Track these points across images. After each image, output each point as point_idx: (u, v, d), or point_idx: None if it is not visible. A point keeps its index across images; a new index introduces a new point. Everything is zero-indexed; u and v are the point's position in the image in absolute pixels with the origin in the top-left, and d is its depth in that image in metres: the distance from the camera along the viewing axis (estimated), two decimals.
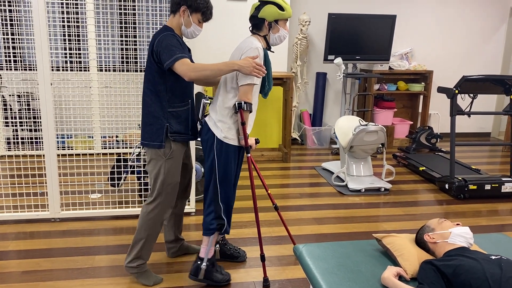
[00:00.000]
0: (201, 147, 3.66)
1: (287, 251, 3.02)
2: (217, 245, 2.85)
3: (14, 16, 5.03)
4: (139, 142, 3.80)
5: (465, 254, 1.80)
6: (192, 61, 2.58)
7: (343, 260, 2.05)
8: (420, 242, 2.06)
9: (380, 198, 4.11)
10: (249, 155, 2.52)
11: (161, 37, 2.29)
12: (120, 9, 5.33)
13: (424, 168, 4.71)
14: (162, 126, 2.39)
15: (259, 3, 2.45)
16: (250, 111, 2.39)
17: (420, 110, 6.46)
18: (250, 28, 2.53)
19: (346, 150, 4.24)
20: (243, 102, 2.35)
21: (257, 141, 2.58)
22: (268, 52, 2.75)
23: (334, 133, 4.46)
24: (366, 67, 6.14)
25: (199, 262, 2.57)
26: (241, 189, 4.22)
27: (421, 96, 6.38)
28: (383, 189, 4.26)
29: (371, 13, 6.07)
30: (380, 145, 4.27)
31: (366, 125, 4.14)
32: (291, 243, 3.13)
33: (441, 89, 4.32)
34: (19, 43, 5.20)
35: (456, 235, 1.93)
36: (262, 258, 2.60)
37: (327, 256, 2.09)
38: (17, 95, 5.06)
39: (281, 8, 2.41)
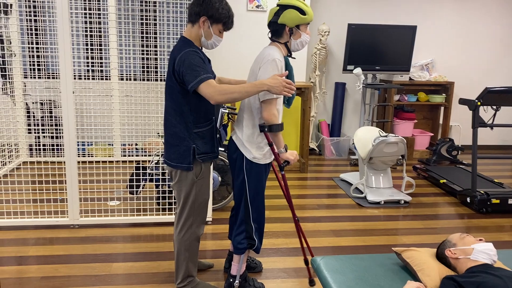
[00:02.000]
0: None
1: (304, 263, 2.98)
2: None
3: (39, 26, 5.15)
4: (158, 152, 3.82)
5: (489, 271, 1.75)
6: (213, 74, 2.56)
7: (361, 274, 2.02)
8: (441, 257, 2.01)
9: (400, 210, 4.04)
10: (283, 172, 2.41)
11: (182, 55, 2.14)
12: (142, 19, 5.41)
13: (445, 180, 4.63)
14: (189, 148, 2.28)
15: (278, 7, 2.30)
16: (281, 130, 2.27)
17: (441, 122, 6.37)
18: (269, 35, 2.39)
19: (365, 161, 4.19)
20: (266, 126, 2.24)
21: (285, 148, 2.40)
22: (289, 58, 2.64)
23: (353, 143, 4.42)
24: (386, 78, 6.09)
25: (231, 280, 2.55)
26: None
27: (442, 108, 6.29)
28: (402, 202, 4.20)
29: (391, 23, 6.03)
30: (400, 157, 4.21)
31: (386, 136, 4.09)
32: (307, 254, 3.09)
33: (463, 101, 4.24)
34: (43, 52, 5.32)
35: (479, 251, 1.87)
36: (306, 262, 2.67)
37: (345, 270, 2.05)
38: (40, 102, 5.17)
39: (302, 12, 2.26)
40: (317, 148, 6.06)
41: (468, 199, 4.12)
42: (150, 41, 5.49)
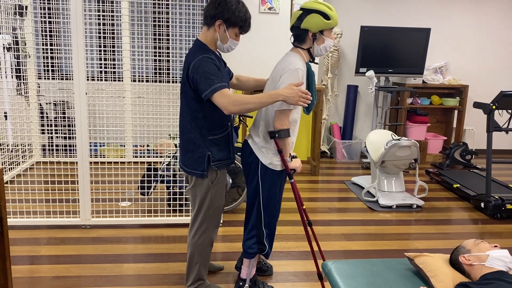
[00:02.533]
0: None
1: (315, 267, 2.96)
2: None
3: (54, 28, 5.21)
4: (169, 153, 3.83)
5: (504, 279, 1.71)
6: (231, 73, 2.53)
7: (373, 279, 1.99)
8: (455, 263, 1.98)
9: (412, 215, 4.00)
10: (292, 180, 2.36)
11: (196, 62, 2.09)
12: (154, 21, 5.44)
13: (458, 185, 4.56)
14: (204, 155, 2.25)
15: (301, 11, 2.22)
16: (288, 137, 2.24)
17: (454, 126, 6.29)
18: (292, 40, 2.32)
19: (377, 165, 4.16)
20: (276, 132, 2.20)
21: (291, 158, 2.40)
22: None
23: (365, 147, 4.38)
24: (399, 81, 6.03)
25: (241, 284, 2.55)
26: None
27: (456, 111, 6.21)
28: (415, 206, 4.15)
29: (404, 26, 5.98)
30: (413, 161, 4.17)
31: (398, 139, 4.05)
32: (318, 258, 3.07)
33: (477, 105, 4.19)
34: (57, 53, 5.37)
35: (494, 258, 1.84)
36: (319, 276, 2.45)
37: (357, 274, 2.03)
38: (53, 103, 5.22)
39: (326, 17, 2.18)
40: (329, 151, 6.03)
41: (482, 204, 4.05)
42: (163, 43, 5.51)
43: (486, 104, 4.05)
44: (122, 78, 5.36)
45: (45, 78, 5.35)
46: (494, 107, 4.00)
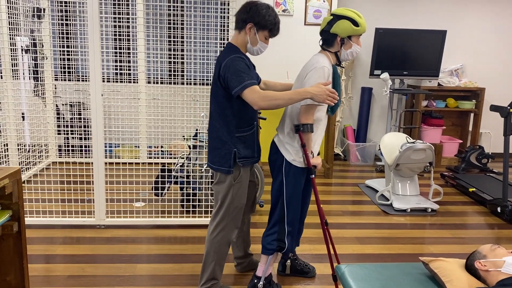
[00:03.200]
0: None
1: (329, 270, 2.95)
2: (289, 261, 2.83)
3: (70, 30, 5.28)
4: (183, 154, 3.86)
5: None
6: (259, 78, 2.57)
7: (387, 283, 1.98)
8: (471, 269, 1.95)
9: (427, 219, 3.95)
10: (312, 176, 2.43)
11: (228, 61, 2.20)
12: (169, 23, 5.48)
13: (474, 189, 4.50)
14: (230, 151, 2.33)
15: (331, 17, 2.33)
16: (311, 132, 2.31)
17: (470, 129, 6.21)
18: (320, 43, 2.43)
19: (391, 168, 4.12)
20: (300, 125, 2.28)
21: (312, 154, 2.47)
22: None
23: (379, 149, 4.35)
24: (414, 83, 5.98)
25: (255, 281, 2.56)
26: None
27: (472, 114, 6.13)
28: (430, 210, 4.10)
29: (420, 28, 5.93)
30: (428, 164, 4.12)
31: (413, 142, 4.01)
32: (334, 261, 3.06)
33: (494, 108, 4.13)
34: (73, 55, 5.45)
35: (511, 264, 1.81)
36: (334, 278, 2.50)
37: (370, 278, 2.01)
38: (69, 104, 5.29)
39: (355, 23, 2.29)
40: (342, 153, 6.00)
41: (499, 209, 3.99)
42: (177, 45, 5.55)
43: (503, 107, 3.99)
44: (137, 79, 5.41)
45: (61, 80, 5.42)
46: (511, 110, 3.94)
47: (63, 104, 5.32)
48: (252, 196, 2.70)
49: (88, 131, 5.27)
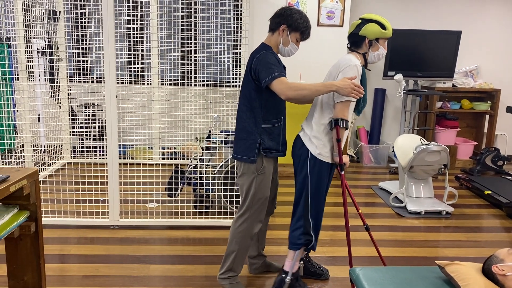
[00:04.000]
0: None
1: (341, 273, 2.93)
2: (301, 262, 2.84)
3: (85, 32, 5.34)
4: (196, 156, 3.87)
5: None
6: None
7: (402, 287, 1.96)
8: (488, 273, 1.92)
9: (441, 222, 3.91)
10: (342, 172, 2.48)
11: (260, 55, 2.34)
12: (182, 25, 5.51)
13: (489, 192, 4.44)
14: (255, 141, 2.42)
15: (360, 21, 2.47)
16: (346, 128, 2.39)
17: (485, 131, 6.13)
18: (348, 45, 2.54)
19: (405, 170, 4.09)
20: (339, 119, 2.35)
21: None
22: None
23: (393, 151, 4.32)
24: (428, 84, 5.93)
25: (283, 276, 2.60)
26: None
27: (487, 116, 6.05)
28: (444, 213, 4.06)
29: (434, 29, 5.87)
30: (442, 166, 4.08)
31: (428, 144, 3.97)
32: (346, 264, 3.04)
33: (510, 109, 4.07)
34: (88, 57, 5.50)
35: None
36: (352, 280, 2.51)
37: (385, 282, 2.00)
38: (84, 106, 5.34)
39: (383, 27, 2.42)
40: (355, 155, 5.97)
41: None
42: (190, 46, 5.58)
43: None
44: (150, 81, 5.44)
45: (76, 81, 5.48)
46: None
47: (77, 106, 5.38)
48: (272, 195, 2.72)
49: (102, 132, 5.32)
